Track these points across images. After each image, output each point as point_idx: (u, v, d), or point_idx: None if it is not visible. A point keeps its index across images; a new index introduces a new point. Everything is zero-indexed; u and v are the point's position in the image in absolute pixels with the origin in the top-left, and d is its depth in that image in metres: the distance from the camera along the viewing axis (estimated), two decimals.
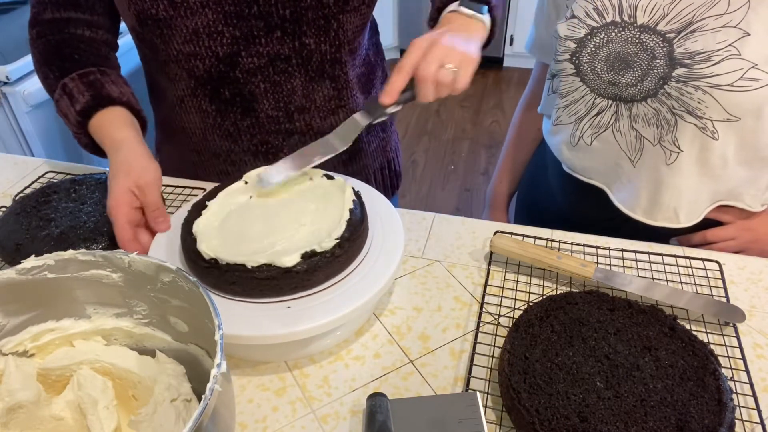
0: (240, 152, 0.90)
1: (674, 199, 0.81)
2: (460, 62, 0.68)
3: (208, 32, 0.77)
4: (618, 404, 0.54)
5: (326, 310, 0.60)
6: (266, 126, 0.87)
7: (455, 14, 0.75)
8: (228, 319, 0.58)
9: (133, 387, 0.56)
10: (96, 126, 0.76)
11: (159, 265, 0.52)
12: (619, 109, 0.80)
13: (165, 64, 0.83)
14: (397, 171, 1.09)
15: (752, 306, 0.70)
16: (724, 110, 0.72)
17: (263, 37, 0.79)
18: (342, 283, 0.63)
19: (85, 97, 0.75)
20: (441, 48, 0.67)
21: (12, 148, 1.65)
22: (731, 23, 0.70)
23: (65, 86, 0.77)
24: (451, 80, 0.67)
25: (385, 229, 0.70)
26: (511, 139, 1.10)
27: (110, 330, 0.58)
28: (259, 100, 0.84)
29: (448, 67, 0.66)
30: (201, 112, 0.86)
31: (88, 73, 0.77)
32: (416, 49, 0.67)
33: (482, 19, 0.75)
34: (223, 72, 0.81)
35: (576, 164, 0.89)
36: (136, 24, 0.77)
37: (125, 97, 0.78)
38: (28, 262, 0.52)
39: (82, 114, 0.75)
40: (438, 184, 2.77)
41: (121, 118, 0.76)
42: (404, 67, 0.67)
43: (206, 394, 0.41)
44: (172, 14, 0.75)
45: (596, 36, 0.78)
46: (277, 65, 0.81)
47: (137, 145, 0.74)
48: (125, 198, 0.70)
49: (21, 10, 1.92)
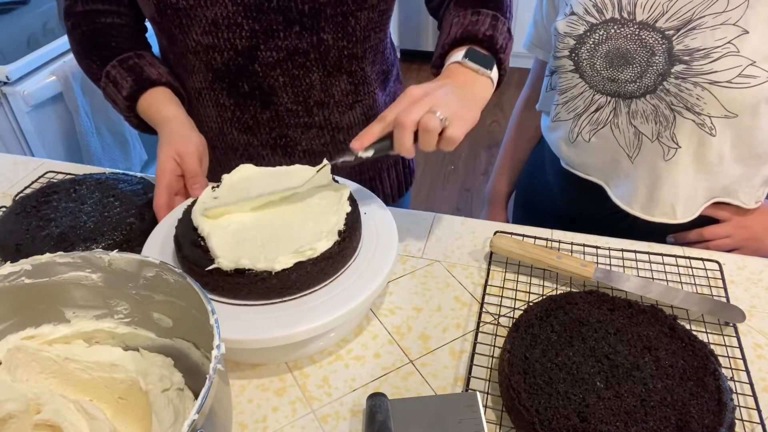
0: (258, 146, 0.90)
1: (671, 194, 0.81)
2: (452, 115, 0.60)
3: (227, 24, 0.78)
4: (618, 404, 0.54)
5: (323, 312, 0.59)
6: (285, 119, 0.87)
7: (459, 66, 0.68)
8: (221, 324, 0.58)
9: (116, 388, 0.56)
10: (143, 107, 0.82)
11: (141, 261, 0.52)
12: (617, 105, 0.80)
13: (183, 56, 0.84)
14: (411, 168, 1.09)
15: (752, 306, 0.70)
16: (723, 106, 0.72)
17: (282, 31, 0.79)
18: (337, 283, 0.63)
19: (128, 83, 0.82)
20: (433, 98, 0.60)
21: (12, 148, 1.65)
22: (730, 21, 0.70)
23: (108, 74, 0.83)
24: (436, 126, 0.59)
25: (378, 229, 0.70)
26: (509, 138, 1.11)
27: (91, 332, 0.57)
28: (278, 93, 0.84)
29: (438, 115, 0.59)
30: (218, 105, 0.87)
31: (126, 58, 0.84)
32: (406, 99, 0.61)
33: (489, 75, 0.68)
34: (242, 65, 0.82)
35: (574, 160, 0.89)
36: (156, 14, 0.79)
37: (164, 77, 0.84)
38: (4, 269, 0.51)
39: (129, 99, 0.82)
40: (438, 184, 2.77)
41: (164, 98, 0.83)
42: (387, 115, 0.61)
43: (209, 373, 0.42)
44: (192, 4, 0.76)
45: (595, 33, 0.78)
46: (296, 59, 0.82)
47: (181, 118, 0.81)
48: (168, 165, 0.76)
49: (21, 10, 1.92)
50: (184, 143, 0.77)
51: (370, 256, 0.66)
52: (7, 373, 0.53)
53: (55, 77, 1.67)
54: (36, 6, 1.95)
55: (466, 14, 0.74)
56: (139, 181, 0.85)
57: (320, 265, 0.61)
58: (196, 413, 0.39)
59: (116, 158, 1.89)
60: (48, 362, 0.55)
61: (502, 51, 0.72)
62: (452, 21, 0.74)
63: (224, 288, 0.61)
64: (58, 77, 1.68)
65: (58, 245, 0.72)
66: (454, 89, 0.64)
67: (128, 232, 0.75)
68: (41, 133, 1.70)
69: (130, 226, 0.76)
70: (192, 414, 0.39)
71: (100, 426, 0.52)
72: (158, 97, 0.82)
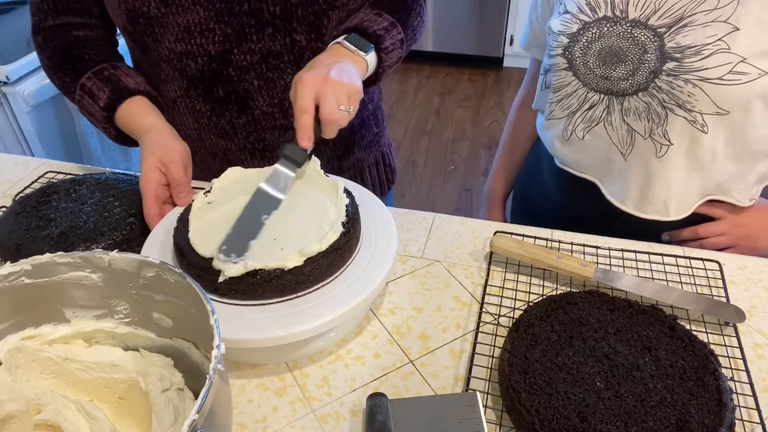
0: (236, 150, 0.90)
1: (664, 191, 0.82)
2: (349, 97, 0.69)
3: (200, 30, 0.78)
4: (618, 404, 0.54)
5: (323, 312, 0.59)
6: (262, 123, 0.87)
7: (338, 46, 0.75)
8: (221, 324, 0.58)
9: (116, 388, 0.56)
10: (122, 118, 0.81)
11: (141, 261, 0.52)
12: (610, 103, 0.80)
13: (156, 65, 0.83)
14: (391, 166, 1.09)
15: (752, 306, 0.70)
16: (714, 103, 0.72)
17: (255, 34, 0.79)
18: (337, 283, 0.63)
19: (105, 93, 0.80)
20: (332, 84, 0.67)
21: (12, 148, 1.65)
22: (721, 18, 0.71)
23: (83, 86, 0.81)
24: (348, 118, 0.69)
25: (378, 229, 0.70)
26: (507, 137, 1.11)
27: (91, 332, 0.57)
28: (253, 97, 0.84)
29: (343, 108, 0.68)
30: (195, 112, 0.87)
31: (101, 69, 0.82)
32: (309, 88, 0.67)
33: (363, 56, 0.76)
34: (216, 70, 0.82)
35: (568, 158, 0.90)
36: (127, 23, 0.78)
37: (141, 86, 0.82)
38: (4, 269, 0.51)
39: (106, 109, 0.80)
40: (438, 184, 2.77)
41: (143, 107, 0.81)
42: (307, 107, 0.67)
43: (209, 373, 0.42)
44: (164, 11, 0.76)
45: (589, 31, 0.79)
46: (270, 62, 0.82)
47: (162, 127, 0.79)
48: (153, 175, 0.74)
49: (21, 10, 1.92)
50: (167, 152, 0.75)
51: (369, 255, 0.66)
52: (8, 374, 0.53)
53: None
54: None
55: (369, 12, 0.80)
56: (139, 181, 0.85)
57: (330, 257, 0.62)
58: (196, 413, 0.39)
59: (116, 158, 1.89)
60: (48, 362, 0.55)
61: (385, 51, 0.79)
62: (357, 15, 0.80)
63: (237, 291, 0.60)
64: None
65: (58, 245, 0.72)
66: (339, 68, 0.70)
67: (128, 232, 0.75)
68: (41, 133, 1.70)
69: (130, 226, 0.76)
70: (192, 414, 0.39)
71: (101, 426, 0.52)
72: (137, 107, 0.81)
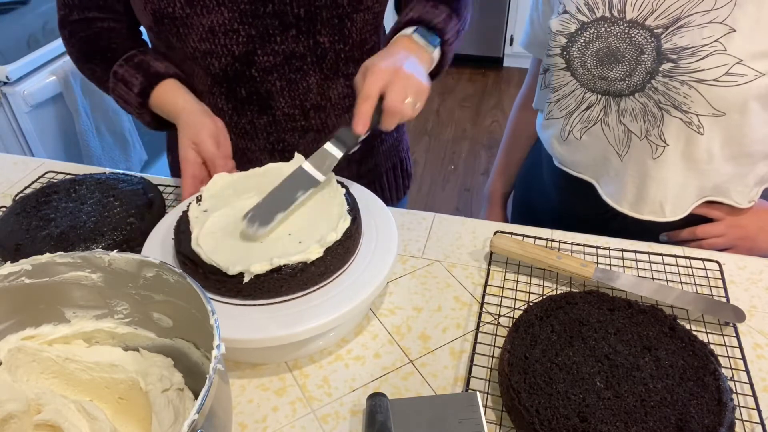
0: (256, 151, 0.90)
1: (660, 192, 0.82)
2: (417, 94, 0.69)
3: (224, 30, 0.78)
4: (618, 404, 0.54)
5: (323, 311, 0.59)
6: (283, 124, 0.87)
7: (408, 40, 0.75)
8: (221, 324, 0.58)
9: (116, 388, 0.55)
10: (157, 102, 0.83)
11: (141, 261, 0.52)
12: (607, 103, 0.80)
13: (181, 62, 0.84)
14: (408, 171, 1.09)
15: (752, 306, 0.70)
16: (710, 105, 0.72)
17: (278, 35, 0.79)
18: (337, 283, 0.63)
19: (138, 80, 0.82)
20: (404, 77, 0.67)
21: (12, 148, 1.65)
22: (717, 19, 0.70)
23: (116, 73, 0.83)
24: (412, 113, 0.69)
25: (378, 228, 0.70)
26: (507, 136, 1.11)
27: (91, 332, 0.57)
28: (275, 98, 0.85)
29: (410, 102, 0.68)
30: (217, 110, 0.87)
31: (132, 56, 0.84)
32: (379, 77, 0.67)
33: (431, 52, 0.76)
34: (239, 70, 0.82)
35: (566, 158, 0.90)
36: (152, 23, 0.79)
37: (171, 69, 0.84)
38: (4, 269, 0.50)
39: (141, 95, 0.82)
40: (438, 184, 2.77)
41: (175, 89, 0.83)
42: (372, 95, 0.67)
43: (209, 373, 0.42)
44: (189, 12, 0.76)
45: (586, 31, 0.79)
46: (293, 63, 0.82)
47: (192, 106, 0.81)
48: (188, 155, 0.77)
49: (21, 10, 1.92)
50: (197, 131, 0.77)
51: (370, 255, 0.66)
52: (8, 374, 0.53)
53: (55, 77, 1.67)
54: (36, 6, 1.95)
55: (426, 5, 0.79)
56: (139, 181, 0.85)
57: (345, 244, 0.63)
58: (196, 413, 0.39)
59: (116, 158, 1.89)
60: (48, 362, 0.55)
61: (448, 44, 0.79)
62: (413, 7, 0.80)
63: (262, 290, 0.60)
64: (58, 77, 1.68)
65: (58, 245, 0.72)
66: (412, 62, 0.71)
67: (128, 232, 0.75)
68: (41, 133, 1.70)
69: (130, 226, 0.76)
70: (192, 414, 0.39)
71: (101, 426, 0.52)
72: (169, 89, 0.83)
